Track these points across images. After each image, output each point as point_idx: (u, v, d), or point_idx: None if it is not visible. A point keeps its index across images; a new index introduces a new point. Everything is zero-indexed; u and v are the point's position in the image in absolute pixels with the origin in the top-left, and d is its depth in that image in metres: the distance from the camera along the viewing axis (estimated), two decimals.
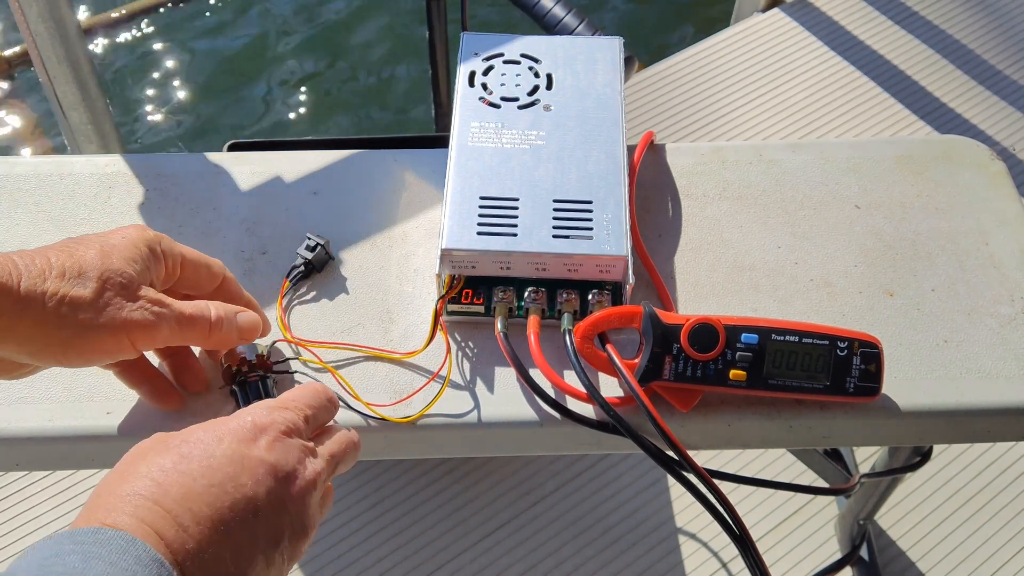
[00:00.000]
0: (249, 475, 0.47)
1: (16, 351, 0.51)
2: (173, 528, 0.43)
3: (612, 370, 0.63)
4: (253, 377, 0.62)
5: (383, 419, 0.63)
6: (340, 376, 0.65)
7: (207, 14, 2.39)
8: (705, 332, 0.62)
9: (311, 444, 0.52)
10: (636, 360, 0.63)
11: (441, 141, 0.96)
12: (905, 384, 0.66)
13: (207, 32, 2.36)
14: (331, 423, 0.57)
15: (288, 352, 0.66)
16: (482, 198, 0.68)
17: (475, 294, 0.67)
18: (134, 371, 0.60)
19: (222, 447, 0.47)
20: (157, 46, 2.33)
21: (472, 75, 0.76)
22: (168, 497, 0.44)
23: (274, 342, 0.66)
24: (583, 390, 0.63)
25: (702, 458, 0.62)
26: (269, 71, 2.29)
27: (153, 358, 0.63)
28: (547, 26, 1.03)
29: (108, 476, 0.47)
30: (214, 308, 0.58)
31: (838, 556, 1.27)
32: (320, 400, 0.55)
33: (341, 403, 0.61)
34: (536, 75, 0.76)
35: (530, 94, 0.75)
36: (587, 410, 0.64)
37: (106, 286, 0.53)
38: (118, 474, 0.46)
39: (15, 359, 0.52)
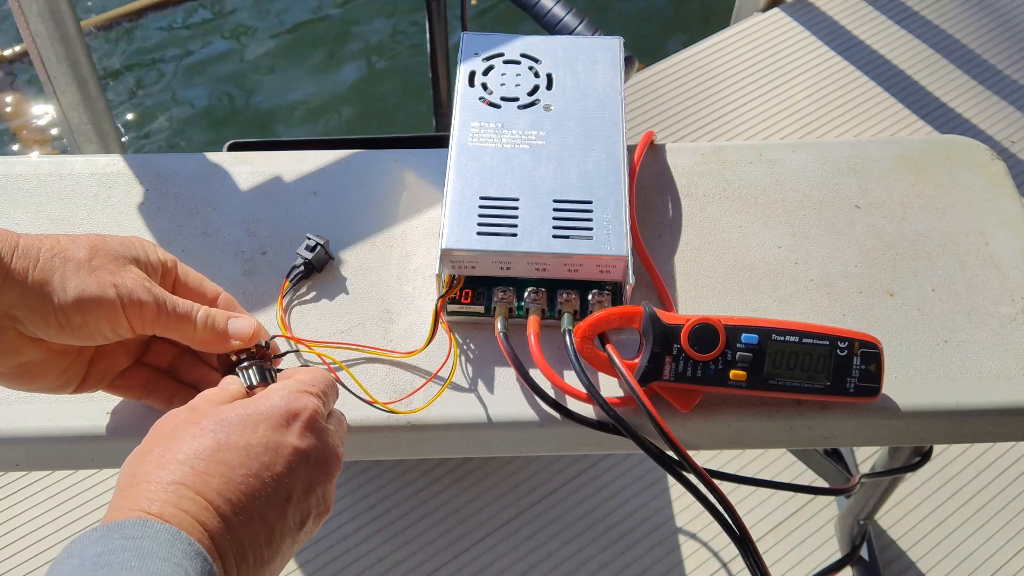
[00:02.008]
0: (284, 463, 0.49)
1: (18, 307, 0.52)
2: (215, 520, 0.45)
3: (612, 370, 0.63)
4: (255, 361, 0.60)
5: (391, 411, 0.63)
6: (348, 371, 0.64)
7: (207, 13, 2.39)
8: (705, 332, 0.62)
9: (332, 428, 0.54)
10: (636, 360, 0.63)
11: (441, 141, 0.96)
12: (905, 384, 0.66)
13: (207, 31, 2.36)
14: None
15: (287, 351, 0.66)
16: (482, 198, 0.68)
17: (475, 294, 0.67)
18: (163, 390, 0.61)
19: (257, 435, 0.49)
20: (157, 46, 2.33)
21: (472, 75, 0.76)
22: (208, 488, 0.46)
23: (273, 336, 0.65)
24: (583, 390, 0.63)
25: (702, 458, 0.62)
26: (270, 70, 2.29)
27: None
28: (547, 26, 1.02)
29: (142, 457, 0.48)
30: (204, 307, 0.58)
31: (838, 556, 1.27)
32: (330, 384, 0.57)
33: (350, 395, 0.63)
34: (536, 75, 0.76)
35: (530, 94, 0.75)
36: (587, 410, 0.64)
37: (97, 252, 0.55)
38: (154, 458, 0.48)
39: (18, 326, 0.53)
